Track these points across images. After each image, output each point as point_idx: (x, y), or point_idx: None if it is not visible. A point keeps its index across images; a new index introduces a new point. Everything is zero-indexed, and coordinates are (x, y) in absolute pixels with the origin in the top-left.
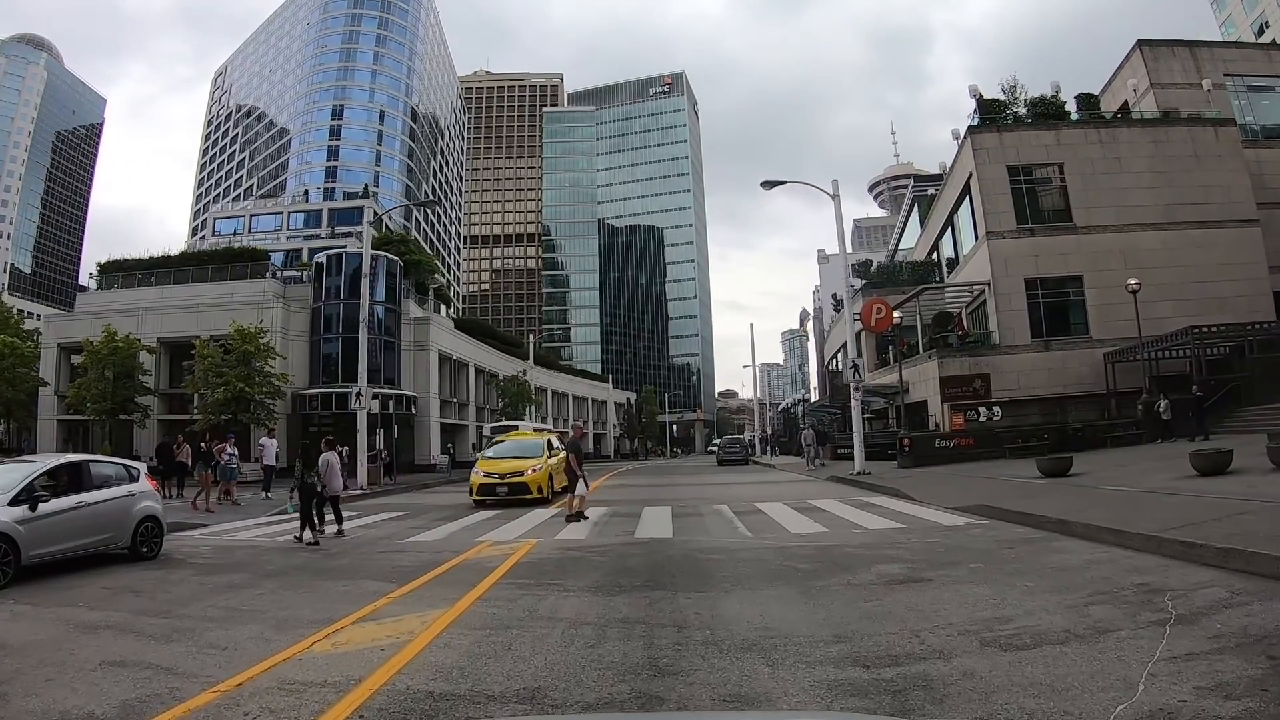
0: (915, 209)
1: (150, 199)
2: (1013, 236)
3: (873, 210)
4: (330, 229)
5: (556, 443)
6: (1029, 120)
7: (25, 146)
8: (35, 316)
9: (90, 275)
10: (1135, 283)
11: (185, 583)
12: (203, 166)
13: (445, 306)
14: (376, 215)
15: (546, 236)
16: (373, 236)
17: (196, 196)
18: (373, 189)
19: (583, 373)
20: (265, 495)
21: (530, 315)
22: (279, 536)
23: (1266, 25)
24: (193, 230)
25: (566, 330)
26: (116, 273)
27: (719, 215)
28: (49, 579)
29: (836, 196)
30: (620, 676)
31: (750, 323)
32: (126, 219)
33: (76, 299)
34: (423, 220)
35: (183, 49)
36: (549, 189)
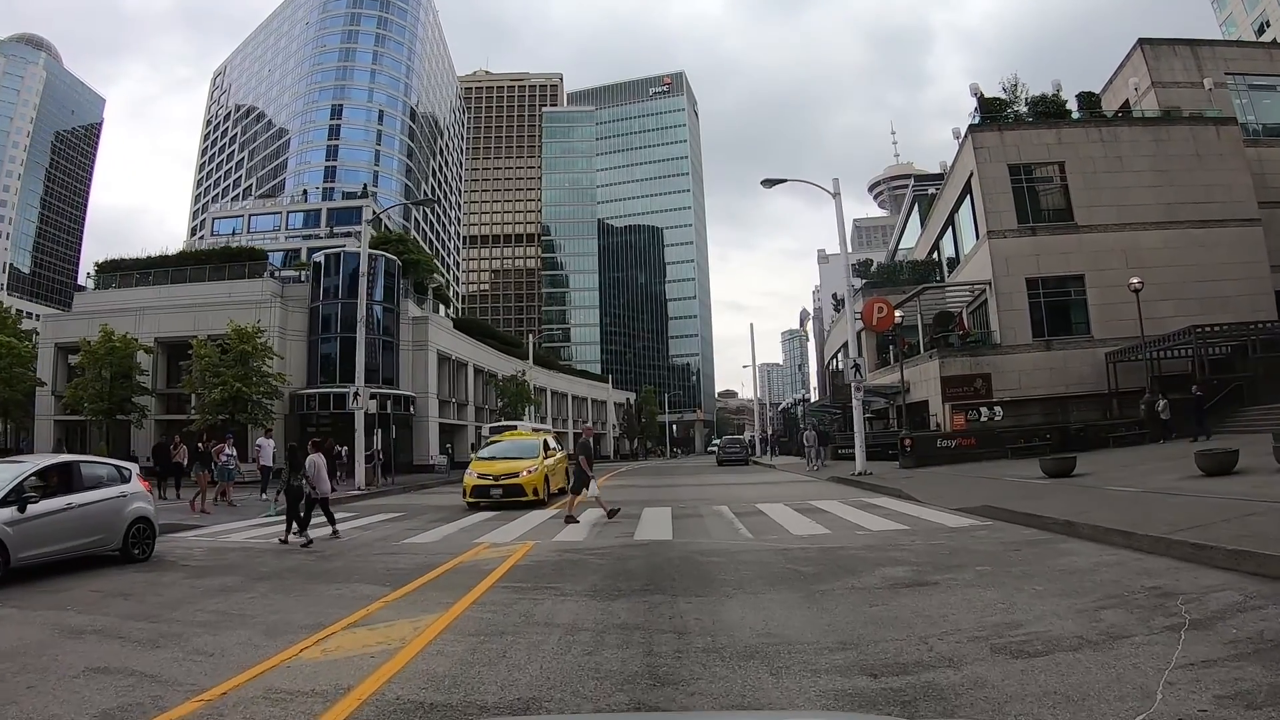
0: (915, 208)
1: (149, 199)
2: (1014, 235)
3: (873, 210)
4: (329, 229)
5: (553, 443)
6: (1030, 119)
7: (24, 146)
8: (34, 316)
9: (88, 275)
10: (1138, 282)
11: (176, 586)
12: (202, 166)
13: (444, 306)
14: (375, 214)
15: (546, 236)
16: (371, 236)
17: (195, 196)
18: (372, 189)
19: (582, 373)
20: (263, 496)
21: (530, 315)
22: (273, 538)
23: (1267, 24)
24: (192, 230)
25: (566, 330)
26: (114, 272)
27: (719, 215)
28: (38, 581)
29: (837, 195)
30: (618, 686)
31: (750, 323)
32: (126, 219)
33: (74, 299)
34: (422, 220)
35: (183, 49)
36: (548, 189)
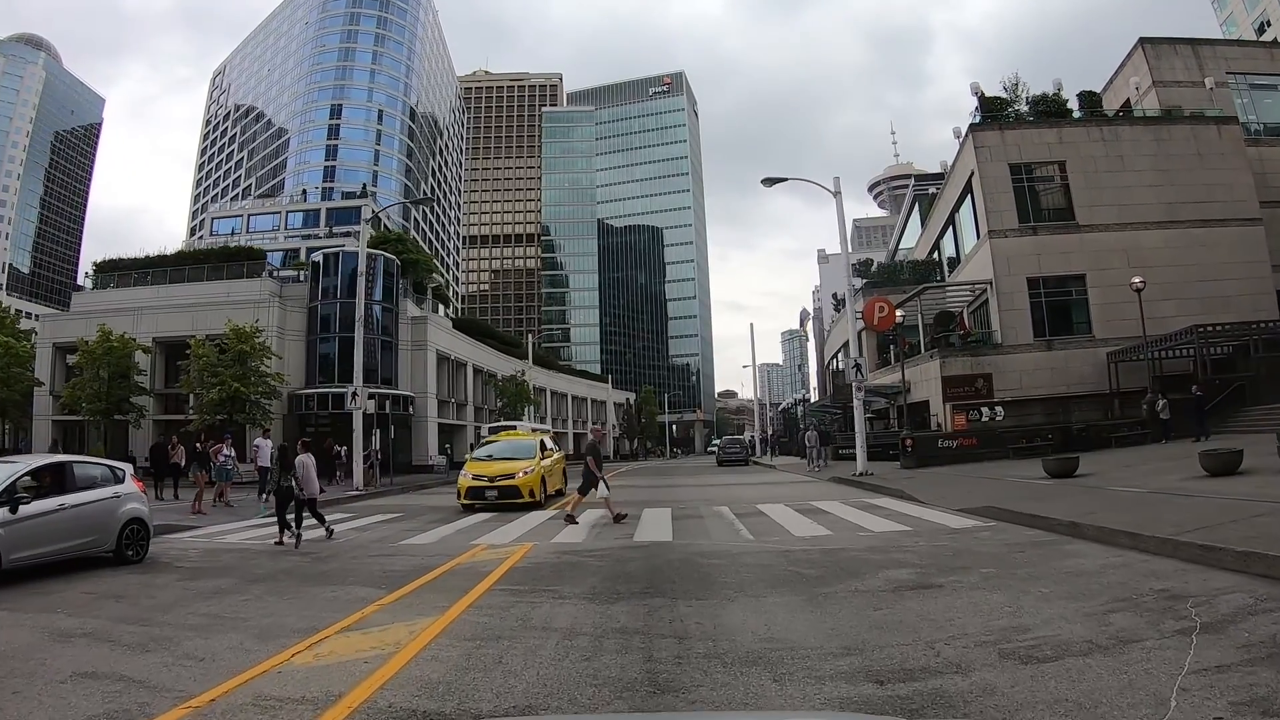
0: (916, 208)
1: (149, 199)
2: (1015, 235)
3: (872, 210)
4: (328, 229)
5: (550, 443)
6: (1031, 118)
7: (24, 146)
8: (33, 317)
9: (86, 275)
10: (1140, 281)
11: (169, 588)
12: (201, 166)
13: (444, 306)
14: (374, 214)
15: (546, 236)
16: (370, 236)
17: (195, 196)
18: (371, 189)
19: (582, 373)
20: (261, 497)
21: (529, 315)
22: (269, 540)
23: (1268, 24)
24: (191, 230)
25: (566, 330)
26: (112, 272)
27: (719, 215)
28: (29, 583)
29: (838, 193)
30: (617, 694)
31: (750, 323)
32: (125, 219)
33: (72, 298)
34: (421, 220)
35: (183, 49)
36: (548, 189)
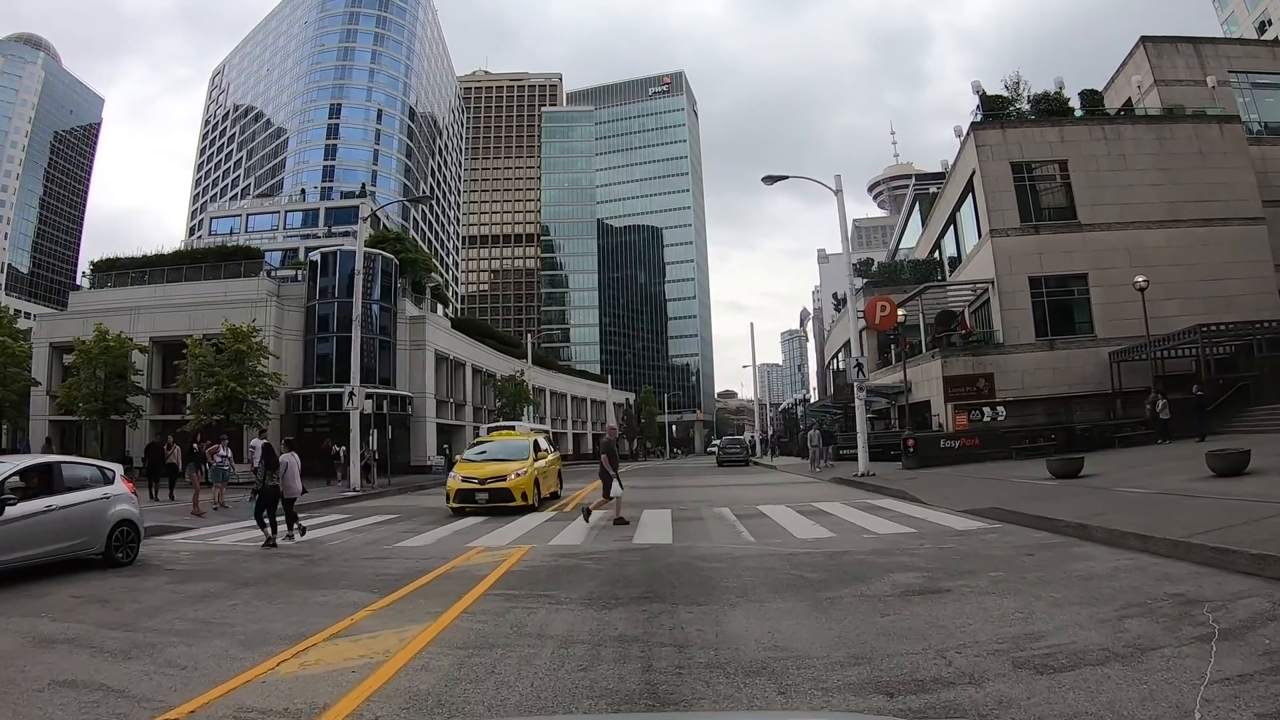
0: (916, 207)
1: (148, 199)
2: (1017, 234)
3: (872, 211)
4: (327, 228)
5: (545, 444)
6: (1033, 117)
7: (23, 146)
8: (31, 316)
9: (83, 274)
10: (1143, 280)
11: (157, 591)
12: (200, 166)
13: (442, 305)
14: (372, 211)
15: (545, 236)
16: (369, 235)
17: (194, 196)
18: (370, 188)
19: (581, 373)
20: (250, 497)
21: (529, 315)
22: (260, 541)
23: (1269, 23)
24: (190, 230)
25: (565, 330)
26: (109, 271)
27: (718, 215)
28: (16, 586)
29: (839, 191)
30: (615, 706)
31: (750, 323)
32: (125, 219)
33: (69, 298)
34: (421, 220)
35: (182, 49)
36: (548, 189)
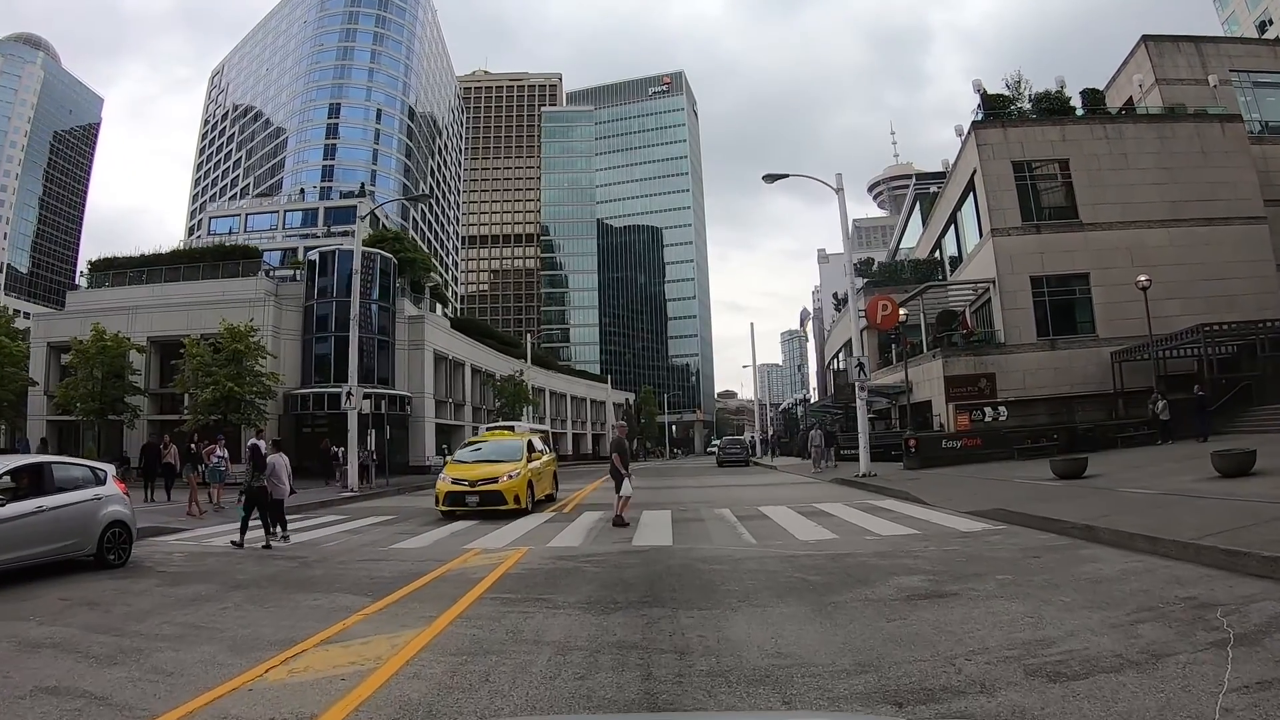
0: (917, 207)
1: (148, 199)
2: (1018, 233)
3: (872, 211)
4: (327, 228)
5: (540, 444)
6: (1034, 115)
7: (22, 146)
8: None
9: (81, 274)
10: (1145, 280)
11: (147, 594)
12: (199, 166)
13: (442, 305)
14: (370, 210)
15: (545, 236)
16: (368, 234)
17: (193, 196)
18: (369, 188)
19: (581, 373)
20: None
21: (529, 315)
22: (255, 543)
23: (1269, 22)
24: (189, 230)
25: (565, 330)
26: (107, 271)
27: (718, 215)
28: (5, 589)
29: (840, 190)
30: (613, 717)
31: (750, 323)
32: (124, 219)
33: (66, 297)
34: (420, 220)
35: (182, 49)
36: (548, 189)
